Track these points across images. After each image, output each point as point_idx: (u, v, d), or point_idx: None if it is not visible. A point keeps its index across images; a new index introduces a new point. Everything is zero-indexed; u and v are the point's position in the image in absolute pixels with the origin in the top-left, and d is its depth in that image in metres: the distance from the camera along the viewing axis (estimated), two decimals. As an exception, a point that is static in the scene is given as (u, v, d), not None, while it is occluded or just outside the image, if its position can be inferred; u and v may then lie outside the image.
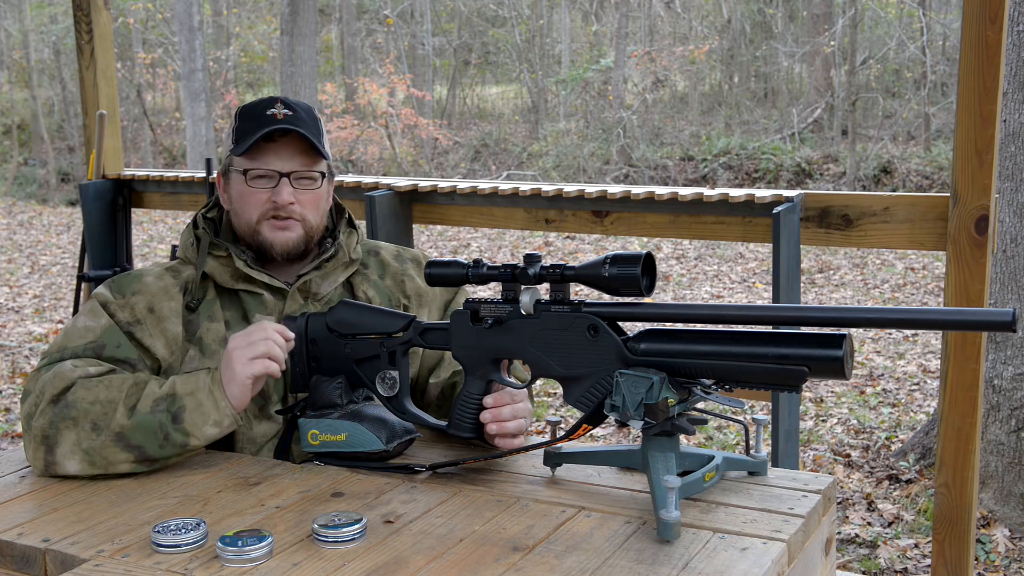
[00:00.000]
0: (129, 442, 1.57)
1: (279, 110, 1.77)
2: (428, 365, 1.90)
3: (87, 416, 1.58)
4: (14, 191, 16.22)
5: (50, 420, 1.59)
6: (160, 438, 1.58)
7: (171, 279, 1.79)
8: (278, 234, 1.78)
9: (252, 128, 1.76)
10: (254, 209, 1.78)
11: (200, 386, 1.60)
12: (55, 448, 1.59)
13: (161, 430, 1.58)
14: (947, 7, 14.46)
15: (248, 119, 1.78)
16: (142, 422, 1.57)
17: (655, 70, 15.38)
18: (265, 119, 1.76)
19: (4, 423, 4.99)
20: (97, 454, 1.58)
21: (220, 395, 1.59)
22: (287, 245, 1.79)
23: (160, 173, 3.96)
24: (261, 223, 1.78)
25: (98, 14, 3.88)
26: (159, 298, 1.76)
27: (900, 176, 12.13)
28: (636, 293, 1.41)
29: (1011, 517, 3.63)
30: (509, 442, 1.60)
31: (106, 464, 1.59)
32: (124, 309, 1.73)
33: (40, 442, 1.60)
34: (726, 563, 1.27)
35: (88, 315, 1.73)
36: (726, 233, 2.91)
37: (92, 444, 1.57)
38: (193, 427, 1.58)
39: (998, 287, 3.66)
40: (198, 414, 1.58)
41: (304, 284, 1.82)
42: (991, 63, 2.28)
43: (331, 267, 1.84)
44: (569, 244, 10.34)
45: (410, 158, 15.58)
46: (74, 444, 1.58)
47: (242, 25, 20.20)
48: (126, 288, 1.76)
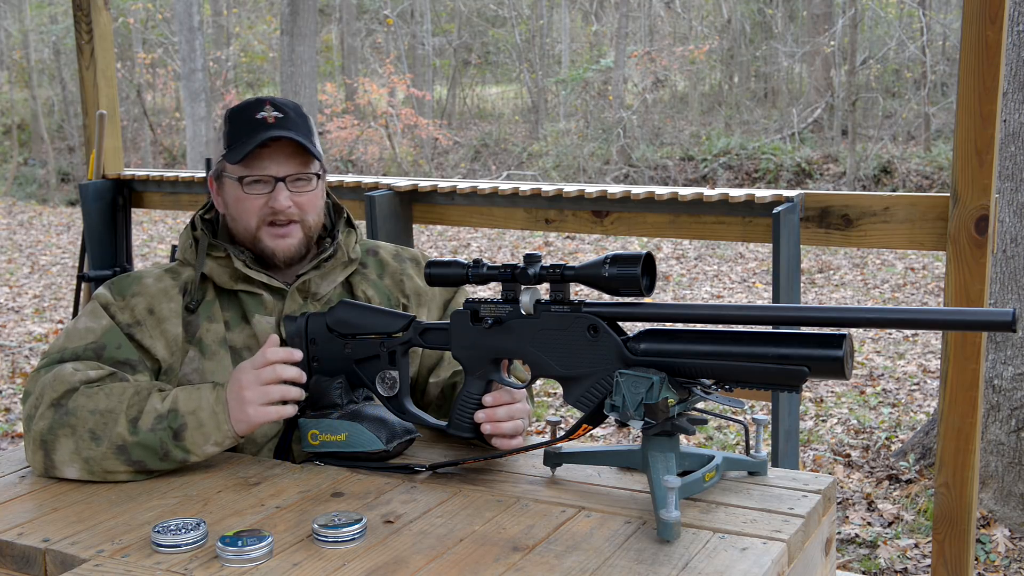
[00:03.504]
0: (129, 456, 1.58)
1: (269, 112, 1.76)
2: (428, 364, 1.90)
3: (86, 424, 1.58)
4: (14, 191, 16.22)
5: (49, 425, 1.59)
6: (160, 454, 1.59)
7: (170, 280, 1.79)
8: (279, 242, 1.78)
9: (244, 133, 1.75)
10: (252, 215, 1.78)
11: (203, 405, 1.60)
12: (53, 454, 1.59)
13: (161, 447, 1.58)
14: (947, 7, 14.47)
15: (238, 123, 1.77)
16: (143, 439, 1.58)
17: (655, 70, 15.38)
18: (256, 124, 1.75)
19: (4, 423, 4.99)
20: (96, 464, 1.58)
21: (224, 417, 1.59)
22: (289, 252, 1.80)
23: (160, 173, 3.96)
24: (260, 230, 1.78)
25: (98, 14, 3.88)
26: (159, 299, 1.76)
27: (900, 176, 12.13)
28: (636, 293, 1.41)
29: (1011, 517, 3.63)
30: (505, 442, 1.60)
31: (104, 474, 1.60)
32: (124, 311, 1.74)
33: (39, 445, 1.60)
34: (726, 563, 1.27)
35: (89, 316, 1.74)
36: (726, 233, 2.90)
37: (91, 454, 1.58)
38: (193, 445, 1.59)
39: (998, 287, 3.65)
40: (199, 433, 1.59)
41: (303, 284, 1.82)
42: (991, 63, 2.28)
43: (330, 267, 1.84)
44: (569, 244, 10.34)
45: (410, 158, 15.58)
46: (73, 452, 1.58)
47: (242, 25, 20.21)
48: (126, 290, 1.76)
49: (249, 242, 1.80)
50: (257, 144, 1.73)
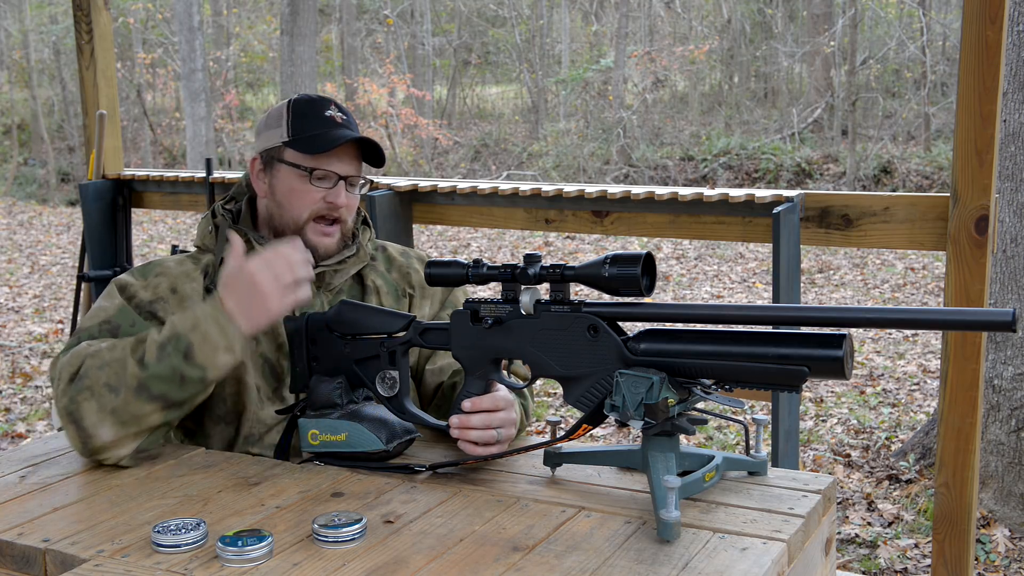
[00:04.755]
0: (150, 392, 1.60)
1: (335, 112, 1.84)
2: (425, 354, 1.93)
3: (100, 381, 1.60)
4: (14, 191, 16.21)
5: (70, 397, 1.62)
6: (177, 380, 1.60)
7: (192, 264, 1.85)
8: (323, 239, 1.83)
9: (315, 127, 1.81)
10: (306, 207, 1.82)
11: (201, 317, 1.61)
12: (82, 422, 1.61)
13: (176, 373, 1.60)
14: (947, 7, 14.47)
15: (308, 117, 1.83)
16: (156, 371, 1.59)
17: (655, 70, 15.38)
18: (327, 121, 1.82)
19: (4, 423, 4.99)
20: (124, 412, 1.60)
21: (225, 321, 1.60)
22: (330, 249, 1.85)
23: (160, 173, 3.97)
24: (308, 223, 1.83)
25: (98, 14, 3.88)
26: (181, 280, 1.81)
27: (900, 176, 12.13)
28: (636, 293, 1.41)
29: (1011, 517, 3.63)
30: (471, 448, 1.58)
31: (136, 420, 1.60)
32: (146, 289, 1.78)
33: (68, 421, 1.62)
34: (726, 563, 1.27)
35: (104, 298, 1.79)
36: (726, 233, 2.90)
37: (115, 404, 1.59)
38: (206, 359, 1.60)
39: (998, 287, 3.66)
40: (207, 346, 1.60)
41: (319, 275, 1.85)
42: (991, 63, 2.28)
43: (349, 262, 1.89)
44: (569, 244, 10.34)
45: (410, 158, 15.58)
46: (98, 411, 1.60)
47: (242, 25, 20.20)
48: (148, 272, 1.82)
49: (291, 231, 1.83)
50: (343, 141, 1.79)
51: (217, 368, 1.62)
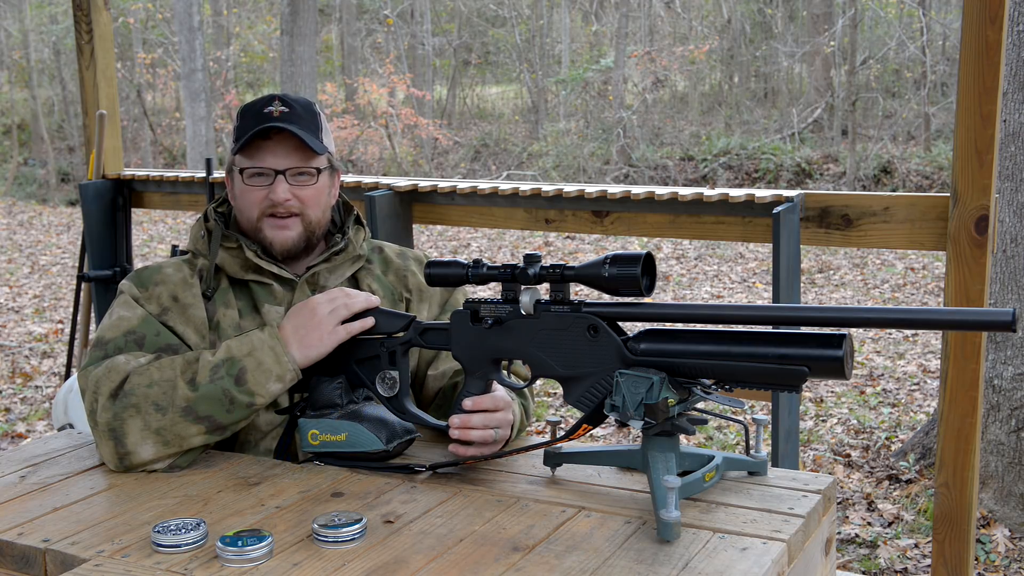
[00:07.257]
0: (197, 414, 1.60)
1: (276, 107, 1.80)
2: (427, 357, 1.92)
3: (147, 399, 1.60)
4: (14, 191, 16.22)
5: (113, 413, 1.61)
6: (226, 403, 1.61)
7: (188, 269, 1.84)
8: (277, 233, 1.82)
9: (249, 126, 1.79)
10: (253, 207, 1.82)
11: (257, 344, 1.63)
12: (124, 439, 1.61)
13: (226, 396, 1.61)
14: (947, 7, 14.46)
15: (247, 118, 1.82)
16: (206, 393, 1.60)
17: (655, 70, 15.38)
18: (262, 117, 1.79)
19: (4, 423, 4.99)
20: (169, 432, 1.60)
21: (281, 351, 1.63)
22: (286, 244, 1.82)
23: (160, 173, 3.96)
24: (262, 221, 1.82)
25: (98, 14, 3.88)
26: (180, 287, 1.81)
27: (900, 176, 12.13)
28: (636, 293, 1.41)
29: (1011, 517, 3.63)
30: (463, 449, 1.59)
31: (179, 440, 1.61)
32: (151, 301, 1.78)
33: (108, 436, 1.62)
34: (726, 563, 1.27)
35: (123, 307, 1.77)
36: (726, 233, 2.90)
37: (161, 424, 1.60)
38: (257, 386, 1.62)
39: (998, 287, 3.66)
40: (260, 372, 1.61)
41: (312, 276, 1.85)
42: (991, 63, 2.28)
43: (339, 260, 1.88)
44: (569, 244, 10.34)
45: (410, 158, 15.58)
46: (143, 429, 1.60)
47: (242, 25, 20.20)
48: (147, 281, 1.80)
49: (253, 234, 1.83)
50: (252, 134, 1.77)
51: (266, 395, 1.63)
